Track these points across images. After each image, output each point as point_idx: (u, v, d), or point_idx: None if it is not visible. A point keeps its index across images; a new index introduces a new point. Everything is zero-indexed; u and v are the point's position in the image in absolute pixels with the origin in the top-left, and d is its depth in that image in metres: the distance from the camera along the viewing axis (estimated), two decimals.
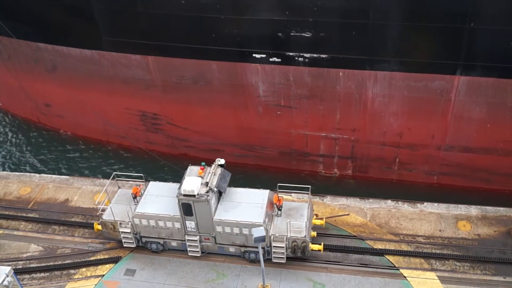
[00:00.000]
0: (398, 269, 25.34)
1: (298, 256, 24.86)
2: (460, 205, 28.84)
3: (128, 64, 35.10)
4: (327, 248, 25.96)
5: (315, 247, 24.76)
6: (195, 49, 32.76)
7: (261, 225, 23.82)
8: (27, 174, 34.35)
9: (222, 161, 25.80)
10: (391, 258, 25.94)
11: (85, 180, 32.92)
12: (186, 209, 24.27)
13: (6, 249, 28.15)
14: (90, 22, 33.77)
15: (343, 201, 29.49)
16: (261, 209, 24.55)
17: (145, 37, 33.41)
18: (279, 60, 31.69)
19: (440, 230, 27.38)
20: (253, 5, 29.94)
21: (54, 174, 35.76)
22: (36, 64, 38.20)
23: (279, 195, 25.62)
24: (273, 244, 24.41)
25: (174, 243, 26.08)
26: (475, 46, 28.06)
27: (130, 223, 25.67)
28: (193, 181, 24.10)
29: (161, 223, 25.24)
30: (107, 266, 26.40)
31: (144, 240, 26.21)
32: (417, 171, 33.79)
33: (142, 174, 27.57)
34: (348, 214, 28.47)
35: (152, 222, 25.31)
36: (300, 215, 25.08)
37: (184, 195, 23.82)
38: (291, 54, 31.26)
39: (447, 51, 28.83)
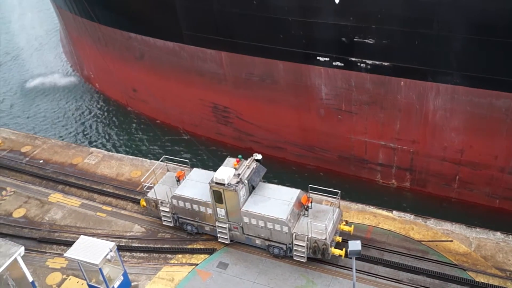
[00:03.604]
0: None
1: (318, 257, 25.10)
2: None
3: (204, 57, 37.29)
4: (423, 272, 24.59)
5: (337, 251, 24.75)
6: (264, 48, 33.96)
7: (284, 222, 24.56)
8: (139, 158, 36.34)
9: (259, 157, 26.74)
10: None
11: (188, 171, 33.02)
12: (217, 197, 25.61)
13: (113, 226, 30.04)
14: (173, 16, 36.42)
15: (447, 226, 27.66)
16: (287, 206, 25.12)
17: (219, 33, 35.30)
18: (342, 64, 31.82)
19: None
20: (319, 9, 30.46)
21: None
22: (127, 52, 41.85)
23: (308, 196, 26.04)
24: (295, 242, 24.94)
25: (207, 228, 27.55)
26: None
27: (169, 203, 27.67)
28: (226, 171, 25.34)
29: (195, 207, 26.82)
30: (202, 256, 27.19)
31: (180, 220, 27.99)
32: (478, 192, 31.98)
33: (187, 160, 29.36)
34: (451, 241, 26.66)
35: (188, 205, 26.97)
36: (326, 218, 25.27)
37: (216, 183, 25.20)
38: (353, 59, 31.25)
39: None
